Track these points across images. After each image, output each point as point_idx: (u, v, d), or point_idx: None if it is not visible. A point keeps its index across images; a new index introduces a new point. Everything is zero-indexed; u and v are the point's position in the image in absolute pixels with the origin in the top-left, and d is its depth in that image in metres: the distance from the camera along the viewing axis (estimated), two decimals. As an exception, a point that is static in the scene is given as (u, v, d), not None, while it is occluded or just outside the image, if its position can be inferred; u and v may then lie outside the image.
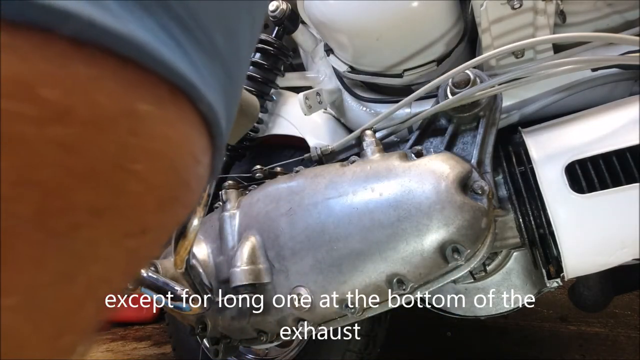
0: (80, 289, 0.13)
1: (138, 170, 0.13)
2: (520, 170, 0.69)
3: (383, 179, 0.64)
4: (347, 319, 0.66)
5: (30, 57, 0.10)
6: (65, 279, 0.13)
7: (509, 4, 0.67)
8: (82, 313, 0.14)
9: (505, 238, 0.70)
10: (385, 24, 0.77)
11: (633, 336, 1.38)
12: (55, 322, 0.13)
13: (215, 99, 0.16)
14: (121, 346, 2.05)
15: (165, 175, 0.14)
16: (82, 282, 0.13)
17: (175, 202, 0.16)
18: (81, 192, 0.12)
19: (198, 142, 0.16)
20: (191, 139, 0.16)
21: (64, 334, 0.14)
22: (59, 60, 0.11)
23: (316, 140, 0.96)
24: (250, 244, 0.71)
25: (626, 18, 0.71)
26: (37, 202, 0.11)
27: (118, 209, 0.13)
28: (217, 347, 0.76)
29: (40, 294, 0.12)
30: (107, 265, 0.14)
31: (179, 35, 0.14)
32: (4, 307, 0.11)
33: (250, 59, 0.30)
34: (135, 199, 0.14)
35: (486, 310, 0.82)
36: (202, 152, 0.16)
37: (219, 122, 0.16)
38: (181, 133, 0.15)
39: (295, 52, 1.17)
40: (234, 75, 0.18)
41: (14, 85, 0.10)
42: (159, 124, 0.14)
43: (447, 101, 0.69)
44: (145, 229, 0.15)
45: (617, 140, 0.60)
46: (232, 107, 0.19)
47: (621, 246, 0.61)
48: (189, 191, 0.16)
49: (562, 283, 0.71)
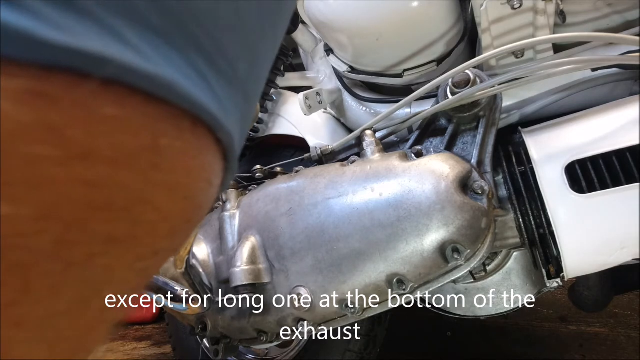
0: (94, 313, 0.14)
1: (157, 201, 0.13)
2: (520, 170, 0.69)
3: (383, 179, 0.64)
4: (347, 319, 0.66)
5: (60, 101, 0.10)
6: (81, 305, 0.13)
7: (509, 4, 0.67)
8: (95, 334, 0.15)
9: (505, 238, 0.70)
10: (385, 24, 0.77)
11: (633, 336, 1.38)
12: (69, 345, 0.13)
13: (233, 126, 0.16)
14: (121, 346, 2.05)
15: (181, 204, 0.15)
16: (96, 306, 0.13)
17: (188, 225, 0.16)
18: (100, 224, 0.12)
19: (214, 168, 0.16)
20: (209, 166, 0.16)
21: (77, 354, 0.14)
22: (88, 103, 0.11)
23: (316, 140, 0.96)
24: (250, 244, 0.71)
25: (626, 18, 0.71)
26: (57, 235, 0.11)
27: (133, 237, 0.13)
28: (217, 347, 0.76)
29: (56, 322, 0.12)
30: (119, 288, 0.14)
31: (204, 68, 0.14)
32: (20, 340, 0.11)
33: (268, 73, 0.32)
34: (150, 227, 0.14)
35: (486, 310, 0.82)
36: (216, 176, 0.17)
37: (234, 147, 0.17)
38: (200, 162, 0.15)
39: (295, 52, 1.17)
40: (252, 96, 0.19)
41: (43, 130, 0.10)
42: (180, 157, 0.14)
43: (447, 101, 0.69)
44: (157, 251, 0.15)
45: (617, 140, 0.60)
46: (246, 127, 0.19)
47: (621, 246, 0.61)
48: (201, 213, 0.17)
49: (562, 283, 0.71)
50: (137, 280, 0.15)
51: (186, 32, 0.13)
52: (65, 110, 0.11)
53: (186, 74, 0.13)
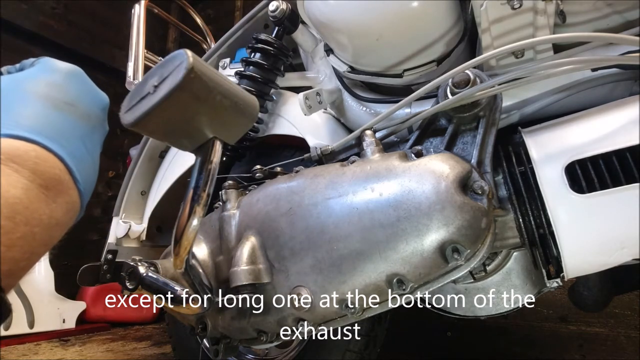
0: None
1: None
2: (520, 170, 0.69)
3: (383, 179, 0.64)
4: (347, 319, 0.65)
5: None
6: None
7: (509, 4, 0.67)
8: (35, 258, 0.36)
9: (505, 238, 0.70)
10: (385, 24, 0.77)
11: (633, 336, 1.38)
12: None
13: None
14: (121, 346, 2.05)
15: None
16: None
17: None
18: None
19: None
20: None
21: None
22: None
23: (316, 140, 0.96)
24: (250, 244, 0.71)
25: (626, 18, 0.71)
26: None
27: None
28: (217, 347, 0.76)
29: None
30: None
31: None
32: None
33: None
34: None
35: (486, 310, 0.82)
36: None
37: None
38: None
39: (295, 52, 1.17)
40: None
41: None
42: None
43: (447, 101, 0.69)
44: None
45: (617, 140, 0.60)
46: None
47: (621, 246, 0.61)
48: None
49: (562, 283, 0.71)
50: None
51: None
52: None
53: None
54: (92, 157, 0.42)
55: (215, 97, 0.41)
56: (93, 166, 0.42)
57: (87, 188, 0.41)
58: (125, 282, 0.62)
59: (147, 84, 0.40)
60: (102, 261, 0.66)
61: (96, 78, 0.48)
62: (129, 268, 0.62)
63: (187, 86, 0.38)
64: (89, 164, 0.41)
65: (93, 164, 0.42)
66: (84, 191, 0.40)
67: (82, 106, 0.42)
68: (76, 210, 0.40)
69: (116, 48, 3.25)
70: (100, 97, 0.45)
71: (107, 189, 3.16)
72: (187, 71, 0.38)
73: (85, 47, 3.12)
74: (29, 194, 0.33)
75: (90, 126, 0.42)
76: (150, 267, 0.64)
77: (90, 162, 0.41)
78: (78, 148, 0.40)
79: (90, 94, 0.44)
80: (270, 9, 0.99)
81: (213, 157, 0.46)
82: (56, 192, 0.36)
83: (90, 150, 0.42)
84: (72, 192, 0.38)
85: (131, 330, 2.46)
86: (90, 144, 0.42)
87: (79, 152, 0.40)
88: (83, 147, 0.40)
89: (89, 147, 0.42)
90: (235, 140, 0.48)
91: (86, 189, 0.40)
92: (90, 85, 0.45)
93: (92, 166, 0.42)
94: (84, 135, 0.41)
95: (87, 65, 3.16)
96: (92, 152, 0.42)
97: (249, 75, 1.02)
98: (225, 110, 0.43)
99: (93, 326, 2.42)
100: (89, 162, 0.41)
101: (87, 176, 0.40)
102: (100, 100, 0.45)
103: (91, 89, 0.45)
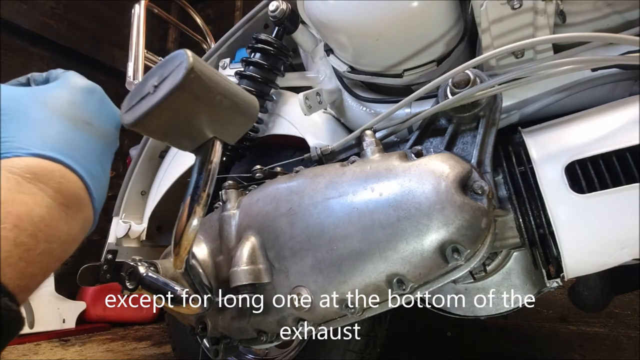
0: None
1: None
2: (520, 170, 0.69)
3: (383, 179, 0.64)
4: (347, 319, 0.65)
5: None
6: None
7: (509, 4, 0.67)
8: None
9: (505, 238, 0.70)
10: (385, 24, 0.77)
11: (633, 336, 1.38)
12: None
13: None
14: (121, 346, 2.05)
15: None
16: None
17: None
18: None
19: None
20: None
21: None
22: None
23: (316, 140, 0.96)
24: (250, 244, 0.71)
25: (626, 18, 0.71)
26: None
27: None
28: (217, 347, 0.76)
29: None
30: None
31: None
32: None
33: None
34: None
35: (486, 310, 0.82)
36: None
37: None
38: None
39: (295, 52, 1.17)
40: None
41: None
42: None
43: (447, 101, 0.69)
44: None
45: (617, 140, 0.60)
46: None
47: (621, 246, 0.61)
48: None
49: (562, 283, 0.71)
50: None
51: None
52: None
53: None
54: (105, 174, 0.44)
55: (215, 97, 0.41)
56: (106, 182, 0.44)
57: (100, 204, 0.42)
58: (125, 282, 0.62)
59: (147, 84, 0.40)
60: (102, 261, 0.66)
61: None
62: (129, 268, 0.62)
63: (187, 86, 0.38)
64: (103, 182, 0.43)
65: (106, 181, 0.44)
66: (97, 208, 0.41)
67: (99, 125, 0.44)
68: (90, 226, 0.41)
69: (116, 48, 3.25)
70: (115, 114, 0.47)
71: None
72: (187, 71, 0.38)
73: (85, 47, 3.12)
74: (51, 213, 0.35)
75: (105, 144, 0.45)
76: (150, 267, 0.64)
77: (104, 180, 0.43)
78: (95, 167, 0.41)
79: (106, 113, 0.46)
80: (270, 9, 0.99)
81: (213, 157, 0.46)
82: (75, 211, 0.38)
83: (105, 168, 0.44)
84: (88, 209, 0.40)
85: (131, 330, 2.46)
86: (105, 161, 0.44)
87: (96, 170, 0.41)
88: (99, 165, 0.42)
89: (104, 165, 0.43)
90: (235, 140, 0.48)
91: (99, 205, 0.42)
92: (108, 104, 0.47)
93: (105, 183, 0.44)
94: (100, 153, 0.43)
95: (87, 65, 3.14)
96: (106, 170, 0.44)
97: (249, 75, 1.02)
98: (225, 110, 0.43)
99: (93, 326, 2.43)
100: (103, 180, 0.43)
101: (101, 193, 0.42)
102: (114, 119, 0.47)
103: (107, 107, 0.47)
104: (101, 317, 2.49)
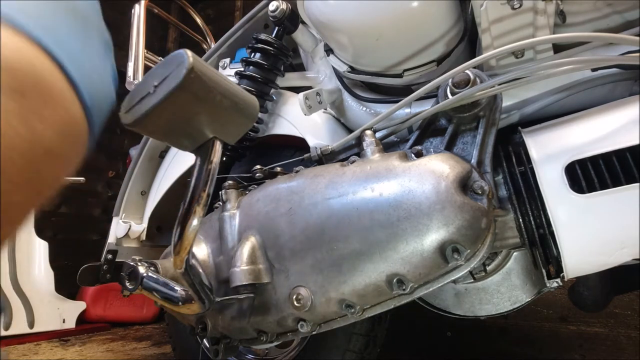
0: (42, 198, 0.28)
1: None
2: (520, 170, 0.69)
3: (383, 179, 0.64)
4: (347, 319, 0.65)
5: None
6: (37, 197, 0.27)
7: (509, 4, 0.67)
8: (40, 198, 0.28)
9: (505, 238, 0.70)
10: (385, 24, 0.77)
11: (633, 336, 1.38)
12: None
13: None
14: (121, 346, 2.05)
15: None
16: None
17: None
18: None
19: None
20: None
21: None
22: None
23: (316, 140, 0.96)
24: (250, 244, 0.71)
25: (626, 18, 0.71)
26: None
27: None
28: (217, 347, 0.76)
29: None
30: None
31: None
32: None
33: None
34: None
35: (486, 310, 0.82)
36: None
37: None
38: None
39: (295, 52, 1.17)
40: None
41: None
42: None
43: (447, 101, 0.69)
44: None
45: (617, 140, 0.60)
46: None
47: (621, 246, 0.61)
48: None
49: (562, 283, 0.71)
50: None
51: None
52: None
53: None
54: (94, 62, 0.31)
55: (215, 97, 0.41)
56: (100, 76, 0.31)
57: (98, 103, 0.29)
58: (125, 282, 0.62)
59: (147, 84, 0.40)
60: (102, 261, 0.66)
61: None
62: (129, 268, 0.62)
63: (187, 86, 0.38)
64: (92, 69, 0.30)
65: (100, 74, 0.31)
66: (91, 106, 0.29)
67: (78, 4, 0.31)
68: (80, 133, 0.28)
69: (116, 48, 3.24)
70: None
71: (107, 189, 3.16)
72: (187, 71, 0.38)
73: (85, 47, 3.12)
74: None
75: (87, 28, 0.32)
76: (150, 267, 0.64)
77: (93, 67, 0.30)
78: (74, 45, 0.28)
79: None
80: (270, 9, 0.99)
81: (213, 157, 0.46)
82: (40, 103, 0.25)
83: (96, 52, 0.31)
84: (69, 104, 0.27)
85: (131, 330, 2.46)
86: (92, 49, 0.31)
87: (75, 49, 0.28)
88: (79, 45, 0.29)
89: (90, 51, 0.30)
90: (235, 140, 0.48)
91: (95, 104, 0.29)
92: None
93: (98, 74, 0.31)
94: (83, 35, 0.30)
95: (87, 65, 3.18)
96: (94, 58, 0.31)
97: (249, 75, 1.02)
98: (225, 110, 0.43)
99: (93, 326, 2.43)
100: (93, 67, 0.30)
101: (93, 84, 0.29)
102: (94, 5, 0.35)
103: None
104: (101, 317, 2.49)
